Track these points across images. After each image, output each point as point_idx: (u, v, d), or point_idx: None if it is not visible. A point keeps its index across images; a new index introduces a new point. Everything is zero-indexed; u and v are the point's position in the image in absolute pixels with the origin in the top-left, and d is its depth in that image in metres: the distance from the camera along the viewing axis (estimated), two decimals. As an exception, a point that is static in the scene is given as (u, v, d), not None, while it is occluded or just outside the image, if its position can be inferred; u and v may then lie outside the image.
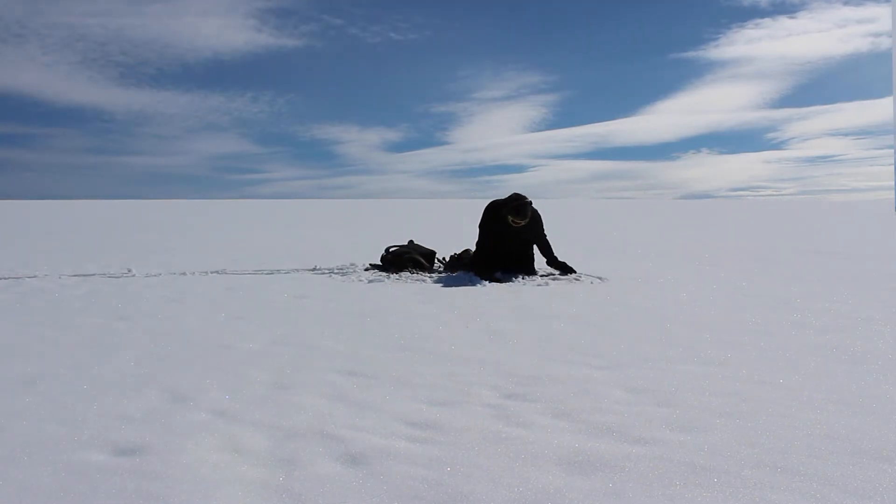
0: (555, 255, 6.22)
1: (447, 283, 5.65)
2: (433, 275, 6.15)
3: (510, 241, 6.10)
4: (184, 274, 6.34)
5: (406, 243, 6.88)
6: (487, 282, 5.63)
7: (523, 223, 5.99)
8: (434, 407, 2.33)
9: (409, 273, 6.20)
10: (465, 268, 6.23)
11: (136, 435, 2.06)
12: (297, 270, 6.58)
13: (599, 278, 5.89)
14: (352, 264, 6.96)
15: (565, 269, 6.10)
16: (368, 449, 1.95)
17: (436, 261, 6.69)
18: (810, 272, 6.39)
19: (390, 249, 6.59)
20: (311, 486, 1.71)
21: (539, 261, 6.28)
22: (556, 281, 5.72)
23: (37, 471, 1.80)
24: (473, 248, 6.33)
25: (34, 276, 6.08)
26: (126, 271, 6.50)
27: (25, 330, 3.69)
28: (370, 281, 5.79)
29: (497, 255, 6.09)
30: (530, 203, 6.01)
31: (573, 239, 11.95)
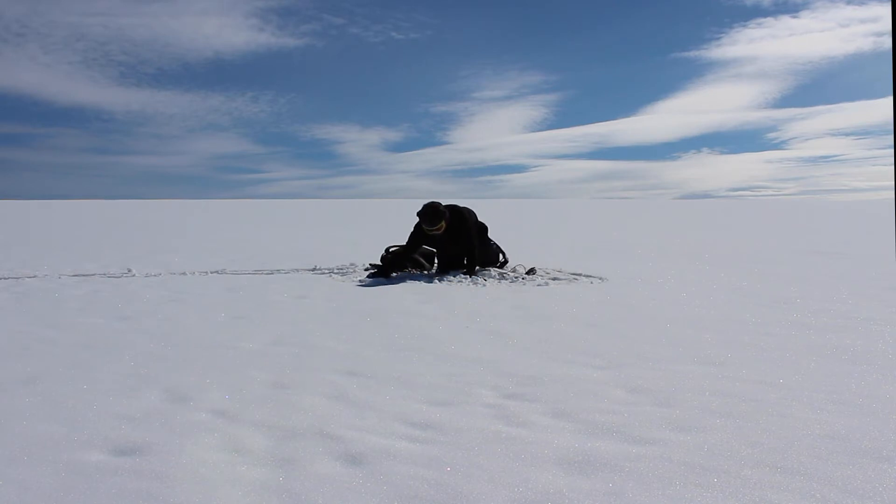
0: (474, 259, 6.11)
1: (447, 283, 5.65)
2: (433, 275, 6.15)
3: (440, 246, 6.28)
4: (184, 274, 6.34)
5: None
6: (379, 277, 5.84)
7: (436, 230, 6.07)
8: (434, 407, 2.33)
9: (408, 273, 6.21)
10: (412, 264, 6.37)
11: (136, 435, 2.06)
12: (297, 270, 6.58)
13: (599, 278, 5.89)
14: (352, 264, 6.96)
15: (472, 270, 6.07)
16: (368, 449, 1.95)
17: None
18: (810, 272, 6.39)
19: (390, 249, 6.59)
20: (311, 486, 1.71)
21: (537, 261, 6.29)
22: (556, 281, 5.72)
23: (37, 471, 1.80)
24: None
25: (34, 276, 6.08)
26: (126, 271, 6.50)
27: (25, 330, 3.69)
28: (370, 281, 5.79)
29: (440, 258, 6.35)
30: (443, 212, 6.06)
31: (574, 239, 11.95)
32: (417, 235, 6.19)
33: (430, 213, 6.07)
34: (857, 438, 2.01)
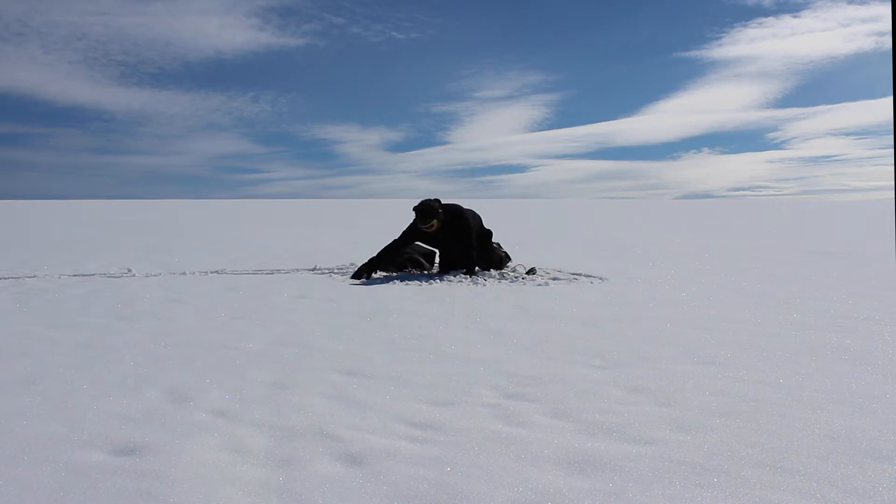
0: (473, 260, 6.09)
1: (447, 283, 5.65)
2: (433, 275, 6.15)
3: (442, 246, 6.29)
4: (184, 274, 6.34)
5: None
6: (362, 277, 5.84)
7: (428, 228, 6.06)
8: (434, 407, 2.33)
9: (408, 273, 6.21)
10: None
11: (136, 435, 2.06)
12: (297, 270, 6.58)
13: (599, 278, 5.89)
14: (352, 264, 6.97)
15: (472, 270, 6.07)
16: (368, 449, 1.95)
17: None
18: (810, 272, 6.39)
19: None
20: (311, 486, 1.71)
21: (537, 261, 6.29)
22: (556, 281, 5.72)
23: (37, 471, 1.80)
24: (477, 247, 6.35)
25: (34, 276, 6.08)
26: (126, 271, 6.50)
27: (25, 330, 3.69)
28: (370, 281, 5.79)
29: (441, 258, 6.38)
30: (436, 210, 6.03)
31: (574, 239, 11.95)
32: (412, 232, 6.17)
33: (423, 210, 6.05)
34: (857, 438, 2.01)
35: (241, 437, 2.06)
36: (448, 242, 6.21)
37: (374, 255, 6.22)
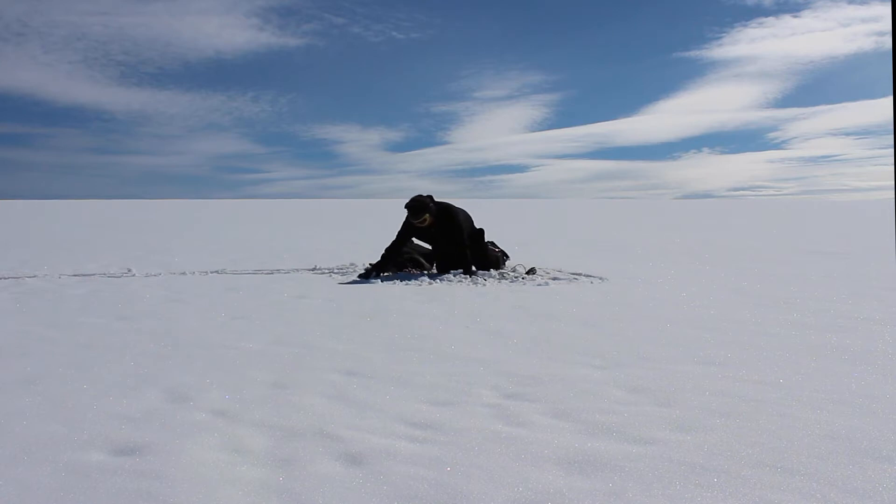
0: (466, 257, 6.09)
1: (447, 283, 5.65)
2: (432, 275, 6.15)
3: (435, 244, 6.34)
4: (184, 274, 6.34)
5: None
6: (371, 278, 5.90)
7: (421, 223, 6.13)
8: (434, 407, 2.33)
9: (408, 273, 6.21)
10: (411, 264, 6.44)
11: (136, 435, 2.06)
12: (297, 270, 6.58)
13: (599, 278, 5.89)
14: (352, 264, 6.97)
15: (468, 269, 6.08)
16: (368, 449, 1.95)
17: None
18: (810, 272, 6.39)
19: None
20: (311, 486, 1.71)
21: (537, 261, 6.28)
22: (556, 281, 5.73)
23: (37, 471, 1.80)
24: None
25: (34, 276, 6.08)
26: (126, 271, 6.50)
27: (25, 330, 3.69)
28: (370, 281, 5.78)
29: (435, 257, 6.39)
30: (427, 205, 6.11)
31: (574, 239, 11.95)
32: (407, 228, 6.22)
33: (415, 205, 6.12)
34: (857, 438, 2.01)
35: (241, 437, 2.06)
36: (441, 240, 6.24)
37: (379, 259, 6.25)
